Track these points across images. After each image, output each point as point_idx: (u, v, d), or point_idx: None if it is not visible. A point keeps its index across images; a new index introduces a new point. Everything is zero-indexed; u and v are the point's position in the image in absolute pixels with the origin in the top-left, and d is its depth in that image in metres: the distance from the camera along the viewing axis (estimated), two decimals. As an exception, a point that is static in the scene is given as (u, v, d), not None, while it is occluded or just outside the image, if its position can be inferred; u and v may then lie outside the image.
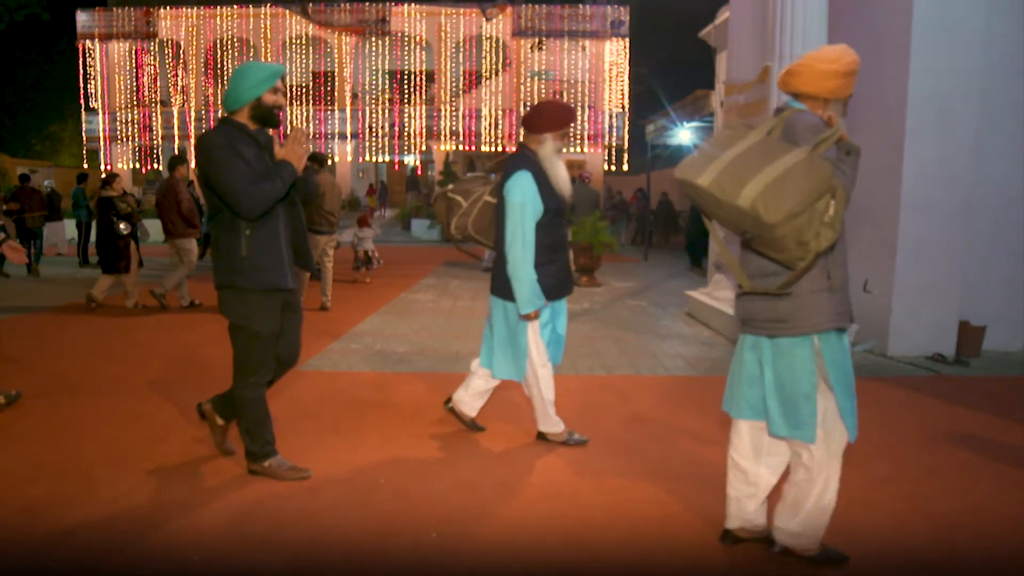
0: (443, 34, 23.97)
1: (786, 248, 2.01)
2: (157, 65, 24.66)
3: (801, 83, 2.33)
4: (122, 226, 7.50)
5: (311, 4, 23.83)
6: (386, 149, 24.51)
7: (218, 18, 24.20)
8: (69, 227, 14.88)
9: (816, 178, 1.94)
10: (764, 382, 2.35)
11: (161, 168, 25.01)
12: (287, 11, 23.96)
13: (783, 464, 2.50)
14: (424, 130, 24.24)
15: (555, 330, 3.62)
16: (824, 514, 2.37)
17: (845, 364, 2.29)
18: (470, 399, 3.78)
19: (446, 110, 24.10)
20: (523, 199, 3.29)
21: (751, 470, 2.48)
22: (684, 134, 16.36)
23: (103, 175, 8.21)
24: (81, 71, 24.62)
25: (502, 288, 3.46)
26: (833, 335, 2.27)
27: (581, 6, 23.83)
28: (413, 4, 23.86)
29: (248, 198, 2.80)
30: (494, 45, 24.12)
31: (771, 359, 2.33)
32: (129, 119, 24.52)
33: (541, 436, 3.66)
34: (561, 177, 3.42)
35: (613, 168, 24.41)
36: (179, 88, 24.60)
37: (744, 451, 2.49)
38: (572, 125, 3.44)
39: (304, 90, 24.52)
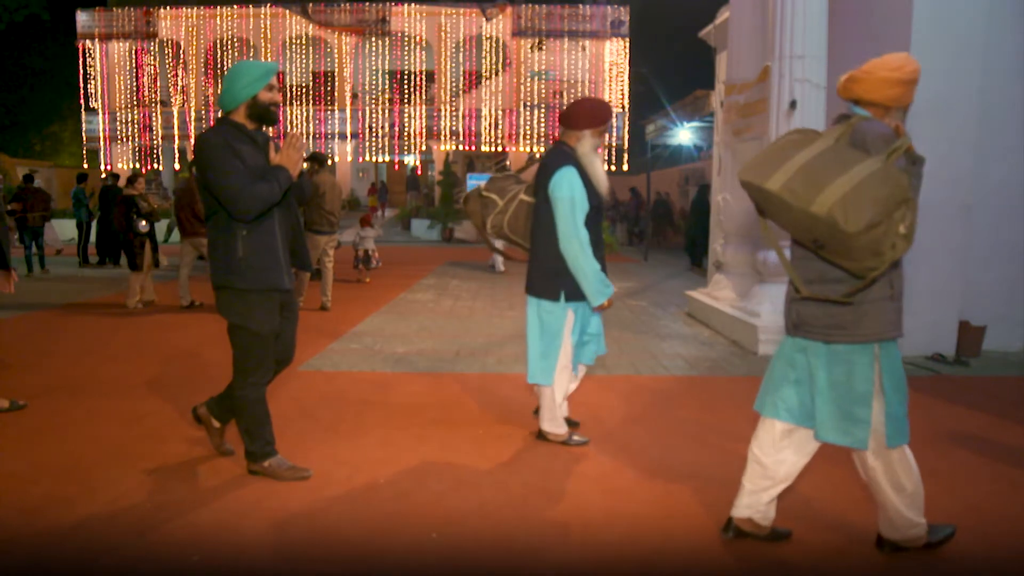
0: (443, 34, 23.95)
1: (861, 258, 2.02)
2: (157, 65, 24.63)
3: (863, 90, 2.32)
4: (142, 224, 7.57)
5: (311, 4, 23.81)
6: (386, 149, 24.49)
7: (218, 18, 24.18)
8: (59, 226, 14.88)
9: (894, 188, 1.95)
10: (816, 387, 2.35)
11: (161, 168, 25.02)
12: (287, 11, 23.94)
13: (808, 456, 2.51)
14: (424, 130, 24.21)
15: (585, 330, 3.58)
16: (912, 502, 2.39)
17: (900, 371, 2.32)
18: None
19: (446, 110, 24.08)
20: (572, 194, 3.27)
21: (771, 465, 2.49)
22: (684, 134, 16.36)
23: (102, 175, 8.24)
24: (81, 71, 24.58)
25: (536, 286, 3.47)
26: (892, 343, 2.30)
27: (581, 6, 23.81)
28: (413, 4, 23.84)
29: (244, 199, 2.79)
30: (494, 45, 24.10)
31: (826, 364, 2.33)
32: (129, 119, 24.50)
33: (541, 436, 3.66)
34: (599, 174, 3.41)
35: (613, 168, 24.40)
36: (179, 88, 24.57)
37: (768, 449, 2.50)
38: (610, 122, 3.46)
39: (304, 90, 24.49)
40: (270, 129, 3.10)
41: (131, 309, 7.61)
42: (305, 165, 3.12)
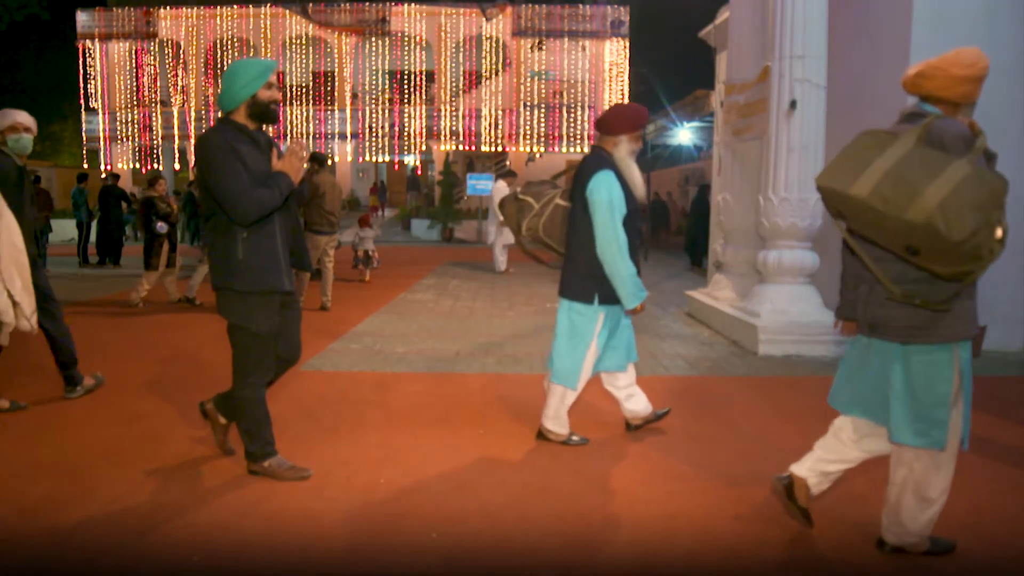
0: (443, 34, 23.96)
1: (959, 263, 2.00)
2: (157, 65, 24.65)
3: (935, 87, 2.30)
4: (160, 225, 7.72)
5: (311, 4, 23.82)
6: (386, 149, 24.50)
7: (218, 18, 24.19)
8: (58, 226, 14.99)
9: (991, 193, 1.94)
10: (891, 389, 2.34)
11: (161, 168, 25.02)
12: (287, 11, 23.95)
13: (883, 452, 2.52)
14: (424, 130, 24.22)
15: (613, 334, 3.56)
16: (928, 511, 2.40)
17: (970, 371, 2.33)
18: (632, 405, 3.78)
19: (446, 110, 24.09)
20: (610, 197, 3.30)
21: (849, 446, 2.52)
22: (684, 134, 16.39)
23: (102, 175, 8.34)
24: (81, 71, 24.60)
25: (570, 289, 3.49)
26: (967, 342, 2.30)
27: (581, 6, 23.81)
28: (413, 4, 23.85)
29: (244, 204, 2.78)
30: (494, 45, 24.10)
31: (903, 366, 2.31)
32: (129, 119, 24.51)
33: (540, 435, 3.66)
34: (636, 179, 3.44)
35: (613, 168, 24.37)
36: (179, 88, 24.58)
37: (850, 435, 2.51)
38: (646, 127, 3.49)
39: (304, 90, 24.51)
40: (270, 129, 3.08)
41: (133, 304, 7.66)
42: (305, 166, 3.11)
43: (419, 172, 27.60)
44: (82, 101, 24.77)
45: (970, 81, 2.27)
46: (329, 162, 12.22)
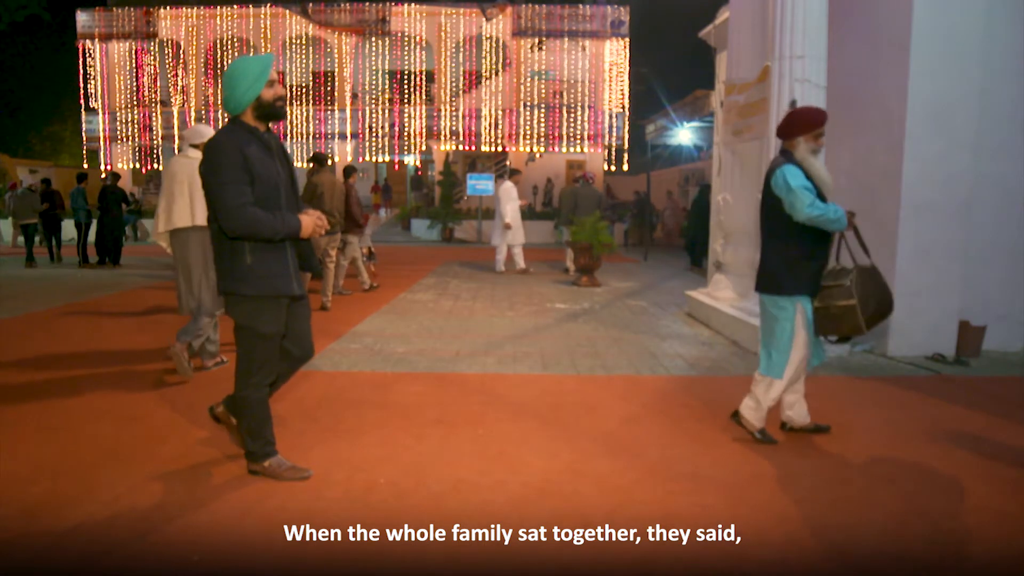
0: (443, 34, 23.93)
1: None
2: (157, 65, 24.62)
3: None
4: None
5: (311, 4, 23.80)
6: (386, 149, 24.48)
7: (218, 18, 24.16)
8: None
9: None
10: None
11: (161, 168, 24.99)
12: (287, 11, 23.92)
13: None
14: (424, 130, 24.19)
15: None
16: None
17: None
18: (793, 411, 3.82)
19: (446, 110, 24.06)
20: (793, 184, 3.40)
21: None
22: (684, 134, 16.40)
23: (102, 175, 8.49)
24: (81, 71, 24.58)
25: (762, 283, 3.67)
26: None
27: (581, 6, 23.79)
28: (413, 4, 23.83)
29: (236, 219, 2.76)
30: (494, 45, 24.07)
31: None
32: (129, 119, 24.48)
33: (735, 416, 3.78)
34: (821, 175, 3.53)
35: (613, 168, 24.41)
36: (179, 88, 24.56)
37: None
38: (824, 126, 3.58)
39: (304, 90, 24.48)
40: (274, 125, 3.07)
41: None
42: (310, 165, 3.11)
43: (419, 172, 27.62)
44: (82, 101, 24.74)
45: None
46: (329, 162, 12.24)
